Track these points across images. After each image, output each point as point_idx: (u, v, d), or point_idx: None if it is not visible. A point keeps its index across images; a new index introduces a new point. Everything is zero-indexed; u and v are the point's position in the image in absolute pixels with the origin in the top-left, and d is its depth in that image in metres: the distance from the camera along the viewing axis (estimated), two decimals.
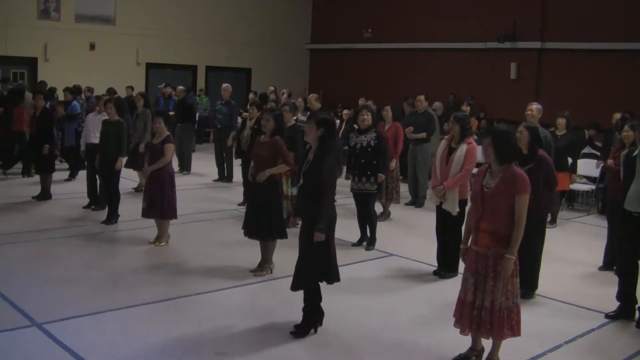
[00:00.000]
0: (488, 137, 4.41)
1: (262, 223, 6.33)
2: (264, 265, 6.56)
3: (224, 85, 12.41)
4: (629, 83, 14.59)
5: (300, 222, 5.41)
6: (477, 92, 16.91)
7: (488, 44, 16.68)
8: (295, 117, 11.42)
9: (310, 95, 10.68)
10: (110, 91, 13.68)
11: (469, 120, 6.87)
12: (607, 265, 7.24)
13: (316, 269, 5.02)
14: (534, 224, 6.01)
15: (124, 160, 8.87)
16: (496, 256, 4.34)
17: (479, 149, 6.89)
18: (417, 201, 10.53)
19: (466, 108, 10.87)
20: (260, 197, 6.34)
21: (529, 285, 6.18)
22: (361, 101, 13.77)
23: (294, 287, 5.15)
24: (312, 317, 5.15)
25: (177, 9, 18.30)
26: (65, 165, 11.93)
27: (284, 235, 6.47)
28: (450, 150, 6.63)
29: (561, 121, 9.42)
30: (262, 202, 6.33)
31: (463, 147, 6.55)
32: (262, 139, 6.48)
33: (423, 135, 10.42)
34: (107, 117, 8.72)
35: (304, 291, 5.12)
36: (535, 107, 7.88)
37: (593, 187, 10.80)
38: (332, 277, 5.07)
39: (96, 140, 9.01)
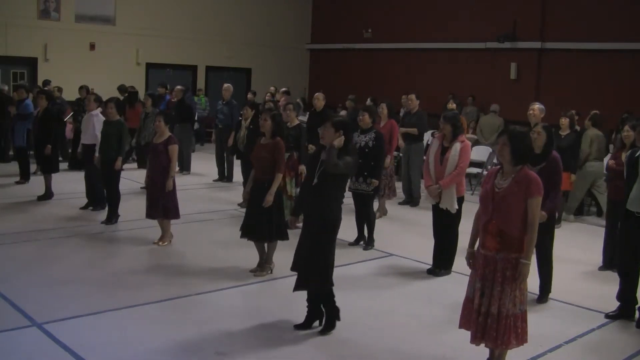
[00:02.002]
0: (504, 136, 4.34)
1: (262, 224, 6.33)
2: (265, 266, 6.56)
3: (225, 85, 12.43)
4: (628, 83, 14.59)
5: (299, 224, 5.41)
6: (477, 92, 16.91)
7: (488, 44, 16.67)
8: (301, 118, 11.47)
9: (317, 93, 10.64)
10: (121, 89, 13.89)
11: (460, 119, 6.90)
12: (606, 265, 7.24)
13: (324, 271, 5.04)
14: (543, 225, 6.00)
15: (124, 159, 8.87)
16: (505, 260, 4.27)
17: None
18: (411, 200, 10.55)
19: (452, 105, 10.83)
20: (260, 198, 6.34)
21: (543, 289, 6.18)
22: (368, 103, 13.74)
23: (309, 287, 5.12)
24: (334, 311, 5.18)
25: (177, 9, 18.28)
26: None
27: (284, 237, 6.47)
28: (444, 150, 6.64)
29: (564, 121, 9.40)
30: (262, 203, 6.32)
31: (457, 146, 6.57)
32: (263, 141, 6.46)
33: (414, 130, 10.40)
34: (94, 116, 8.81)
35: (320, 294, 5.13)
36: (537, 107, 7.85)
37: None
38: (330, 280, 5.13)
39: (87, 141, 9.05)
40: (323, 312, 5.24)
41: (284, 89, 14.48)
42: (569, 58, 15.50)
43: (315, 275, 5.03)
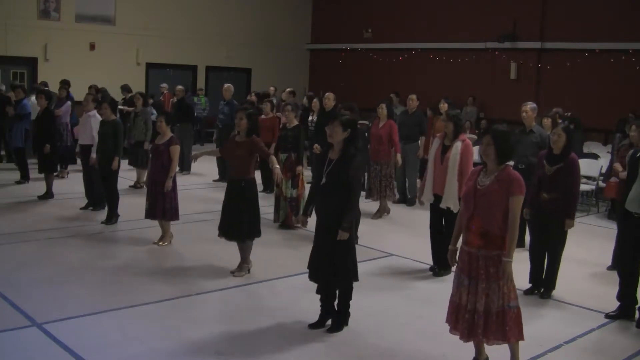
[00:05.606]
0: (488, 136, 4.38)
1: (239, 224, 6.31)
2: (242, 266, 6.55)
3: (226, 85, 12.45)
4: (629, 83, 14.59)
5: (303, 222, 5.42)
6: (477, 92, 16.92)
7: (488, 44, 16.68)
8: (311, 119, 11.48)
9: (328, 93, 10.64)
10: (125, 88, 13.94)
11: (462, 118, 6.90)
12: (615, 266, 7.21)
13: (351, 270, 5.09)
14: (558, 225, 6.03)
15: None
16: (487, 257, 4.29)
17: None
18: (406, 199, 10.54)
19: (444, 106, 10.82)
20: (235, 197, 6.33)
21: (547, 286, 6.21)
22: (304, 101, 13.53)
23: (330, 287, 5.17)
24: (346, 314, 5.23)
25: (177, 9, 18.28)
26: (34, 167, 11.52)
27: (258, 234, 6.48)
28: (445, 149, 6.64)
29: (546, 121, 9.37)
30: (238, 202, 6.31)
31: (458, 145, 6.56)
32: (238, 139, 6.45)
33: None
34: (91, 117, 8.91)
35: (339, 291, 5.16)
36: (529, 107, 7.80)
37: (593, 187, 10.80)
38: (356, 276, 5.20)
39: (84, 142, 9.13)
40: (335, 311, 5.27)
41: (289, 89, 14.31)
42: (569, 58, 15.50)
43: (341, 275, 5.06)
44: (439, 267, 6.82)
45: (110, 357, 4.61)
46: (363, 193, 8.73)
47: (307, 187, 7.08)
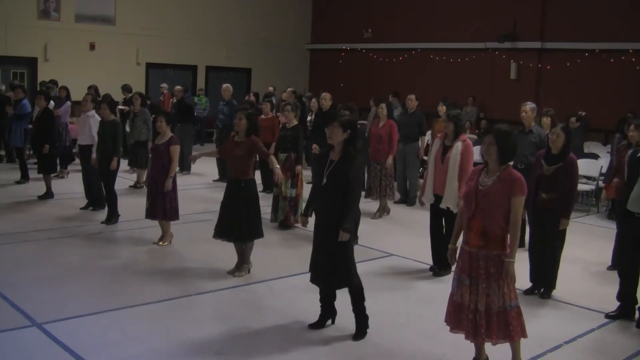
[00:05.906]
0: (490, 136, 4.37)
1: (239, 224, 6.30)
2: (242, 266, 6.55)
3: (224, 85, 12.44)
4: (629, 83, 14.59)
5: (303, 223, 5.42)
6: (477, 92, 16.92)
7: (488, 44, 16.68)
8: (309, 119, 11.49)
9: (324, 93, 10.62)
10: (126, 88, 13.84)
11: (462, 118, 6.90)
12: (615, 266, 7.22)
13: (351, 270, 5.06)
14: (555, 224, 6.04)
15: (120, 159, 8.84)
16: (487, 257, 4.30)
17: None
18: (407, 200, 10.54)
19: (442, 108, 10.82)
20: (236, 198, 6.33)
21: (547, 285, 6.22)
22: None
23: (330, 287, 5.14)
24: (365, 318, 5.15)
25: (177, 9, 18.30)
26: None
27: (260, 235, 6.47)
28: (445, 149, 6.64)
29: (546, 120, 9.38)
30: (238, 203, 6.31)
31: (458, 145, 6.56)
32: (238, 139, 6.45)
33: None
34: (90, 117, 8.94)
35: (350, 293, 5.10)
36: (529, 107, 7.82)
37: (593, 187, 10.80)
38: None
39: (83, 142, 9.16)
40: (336, 311, 5.26)
41: (290, 88, 14.24)
42: (569, 58, 15.51)
43: (341, 276, 5.04)
44: (439, 267, 6.83)
45: (110, 357, 4.62)
46: (363, 193, 8.73)
47: (307, 187, 7.11)
